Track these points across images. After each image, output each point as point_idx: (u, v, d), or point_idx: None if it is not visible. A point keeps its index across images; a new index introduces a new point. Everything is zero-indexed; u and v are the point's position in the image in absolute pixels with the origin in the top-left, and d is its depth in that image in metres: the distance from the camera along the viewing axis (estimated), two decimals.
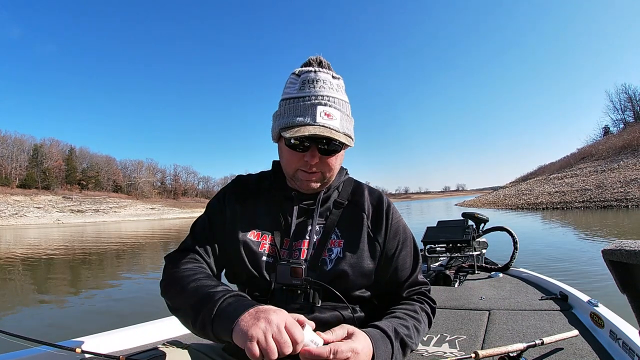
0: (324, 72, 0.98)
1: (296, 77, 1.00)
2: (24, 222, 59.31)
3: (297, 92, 0.97)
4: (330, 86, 0.98)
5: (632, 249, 0.83)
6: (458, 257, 3.48)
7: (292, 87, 0.99)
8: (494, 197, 52.39)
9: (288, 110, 0.96)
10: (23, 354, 1.46)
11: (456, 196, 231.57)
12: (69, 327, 4.69)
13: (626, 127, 59.36)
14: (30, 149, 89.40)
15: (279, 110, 1.01)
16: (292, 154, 0.97)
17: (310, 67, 1.00)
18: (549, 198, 34.16)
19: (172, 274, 0.96)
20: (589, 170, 41.37)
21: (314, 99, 0.94)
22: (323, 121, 0.92)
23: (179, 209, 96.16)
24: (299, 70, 1.01)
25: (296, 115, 0.94)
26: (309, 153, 0.95)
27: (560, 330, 1.63)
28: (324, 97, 0.95)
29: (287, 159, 0.99)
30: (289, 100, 0.97)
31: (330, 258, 1.00)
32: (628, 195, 25.78)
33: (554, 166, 63.14)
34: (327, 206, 1.07)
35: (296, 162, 0.98)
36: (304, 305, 0.95)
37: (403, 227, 1.10)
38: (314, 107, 0.93)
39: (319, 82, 0.96)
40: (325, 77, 0.97)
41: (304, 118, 0.92)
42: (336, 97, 0.97)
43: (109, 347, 1.73)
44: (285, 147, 0.98)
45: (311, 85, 0.96)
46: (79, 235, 27.59)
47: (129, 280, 8.37)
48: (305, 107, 0.94)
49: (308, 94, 0.95)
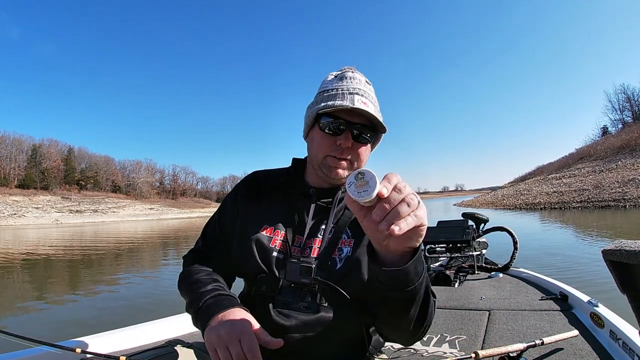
0: (358, 73, 1.06)
1: (333, 76, 1.06)
2: (22, 222, 59.08)
3: (335, 85, 1.02)
4: (364, 85, 1.04)
5: (632, 249, 0.83)
6: (458, 257, 3.48)
7: (330, 83, 1.05)
8: (492, 197, 52.55)
9: (326, 97, 1.01)
10: (24, 354, 1.46)
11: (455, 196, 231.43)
12: (69, 327, 4.70)
13: (625, 127, 59.55)
14: (29, 149, 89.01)
15: (315, 100, 1.06)
16: (326, 137, 1.00)
17: (347, 68, 1.07)
18: (547, 198, 34.31)
19: (182, 274, 1.05)
20: (587, 171, 41.54)
21: (351, 89, 1.00)
22: (360, 105, 0.96)
23: (177, 209, 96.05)
24: (336, 72, 1.08)
25: (334, 99, 0.99)
26: (343, 136, 0.98)
27: (561, 331, 1.65)
28: (360, 89, 1.01)
29: (319, 143, 1.01)
30: (326, 91, 1.03)
31: (340, 257, 1.00)
32: (626, 195, 25.92)
33: (553, 166, 63.30)
34: (340, 206, 1.07)
35: (328, 147, 1.00)
36: (310, 304, 0.95)
37: None
38: (352, 95, 0.99)
39: (355, 79, 1.03)
40: (360, 78, 1.05)
41: (342, 101, 0.97)
42: (370, 94, 1.03)
43: (110, 347, 1.74)
44: (319, 132, 1.01)
45: (348, 80, 1.02)
46: (78, 235, 27.54)
47: (129, 280, 8.37)
48: (343, 94, 0.99)
49: (345, 85, 1.01)
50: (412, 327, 0.85)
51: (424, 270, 0.77)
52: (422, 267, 0.76)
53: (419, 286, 0.77)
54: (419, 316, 0.83)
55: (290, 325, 0.93)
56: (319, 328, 0.94)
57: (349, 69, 1.06)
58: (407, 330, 0.87)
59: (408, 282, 0.74)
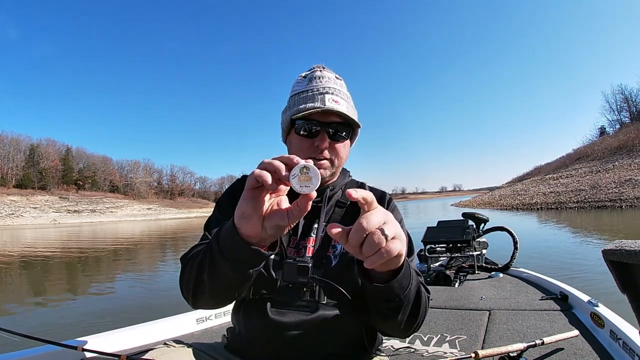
0: (327, 71, 1.07)
1: (303, 77, 1.07)
2: (20, 222, 58.89)
3: (304, 88, 1.03)
4: (335, 83, 1.05)
5: (632, 249, 0.83)
6: (458, 257, 3.48)
7: (300, 85, 1.06)
8: (490, 197, 52.62)
9: (297, 101, 1.02)
10: (27, 353, 1.48)
11: (453, 196, 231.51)
12: (69, 327, 4.70)
13: (622, 127, 59.64)
14: (27, 148, 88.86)
15: (288, 105, 1.07)
16: (302, 141, 1.01)
17: (315, 68, 1.08)
18: (544, 198, 34.37)
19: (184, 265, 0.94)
20: (584, 171, 41.67)
21: (321, 89, 1.01)
22: (331, 105, 0.98)
23: (175, 209, 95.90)
24: (305, 73, 1.09)
25: (305, 102, 1.00)
26: (319, 137, 0.99)
27: (561, 330, 1.65)
28: (330, 87, 1.02)
29: (298, 146, 1.02)
30: (297, 94, 1.04)
31: (334, 254, 1.01)
32: (622, 196, 25.98)
33: (550, 166, 63.47)
34: (330, 205, 1.09)
35: (306, 149, 1.00)
36: (309, 302, 0.95)
37: (401, 222, 1.11)
38: (322, 95, 1.00)
39: (324, 78, 1.04)
40: (329, 75, 1.06)
41: (313, 103, 0.98)
42: (341, 90, 1.05)
43: (111, 346, 1.75)
44: (296, 137, 1.02)
45: (317, 80, 1.04)
46: (76, 235, 27.46)
47: (128, 280, 8.36)
48: (313, 95, 1.01)
49: (315, 86, 1.02)
50: (404, 326, 0.89)
51: (410, 282, 0.80)
52: (408, 280, 0.79)
53: (404, 298, 0.80)
54: (409, 318, 0.87)
55: (289, 324, 0.93)
56: (319, 326, 0.94)
57: (317, 68, 1.08)
58: (398, 329, 0.90)
59: (393, 296, 0.78)
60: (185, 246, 12.34)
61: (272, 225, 0.69)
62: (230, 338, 1.09)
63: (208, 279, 0.81)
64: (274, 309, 0.95)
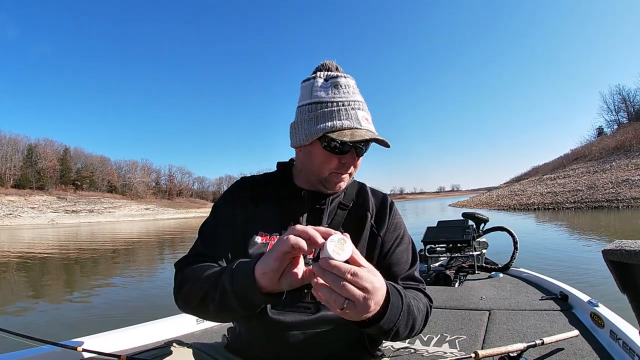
0: (349, 77, 1.03)
1: (324, 81, 1.02)
2: (18, 222, 58.73)
3: (332, 97, 0.99)
4: (359, 94, 1.03)
5: (632, 249, 0.83)
6: (458, 257, 3.48)
7: (323, 90, 1.00)
8: (487, 197, 52.69)
9: (328, 114, 0.97)
10: (27, 353, 1.48)
11: (451, 196, 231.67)
12: (70, 327, 4.70)
13: (620, 128, 59.85)
14: (25, 148, 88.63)
15: (315, 112, 0.99)
16: (331, 157, 0.99)
17: (337, 72, 1.03)
18: (541, 199, 34.38)
19: (184, 274, 0.95)
20: (581, 171, 41.72)
21: (352, 102, 0.99)
22: (367, 125, 0.97)
23: (173, 209, 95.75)
24: (324, 74, 1.03)
25: (341, 118, 0.96)
26: (349, 155, 0.99)
27: (561, 330, 1.65)
28: (358, 102, 1.00)
29: (324, 161, 0.99)
30: (323, 103, 0.99)
31: None
32: (619, 196, 25.98)
33: (548, 167, 63.58)
34: (332, 207, 1.08)
35: (334, 166, 1.00)
36: (310, 304, 0.95)
37: (403, 225, 1.13)
38: (355, 112, 0.98)
39: (350, 87, 1.01)
40: (352, 83, 1.03)
41: (350, 122, 0.96)
42: (364, 103, 1.03)
43: (111, 346, 1.74)
44: (322, 151, 0.98)
45: (343, 89, 1.00)
46: (74, 236, 27.40)
47: (127, 280, 8.34)
48: (346, 111, 0.97)
49: (346, 99, 0.99)
50: (403, 339, 0.91)
51: (400, 313, 0.81)
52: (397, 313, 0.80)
53: (396, 327, 0.81)
54: (408, 334, 0.89)
55: (290, 325, 0.93)
56: (320, 327, 0.94)
57: (339, 73, 1.03)
58: (397, 340, 0.91)
59: (382, 332, 0.80)
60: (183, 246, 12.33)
61: (288, 282, 0.72)
62: (231, 338, 1.08)
63: (214, 310, 0.84)
64: (275, 310, 0.94)
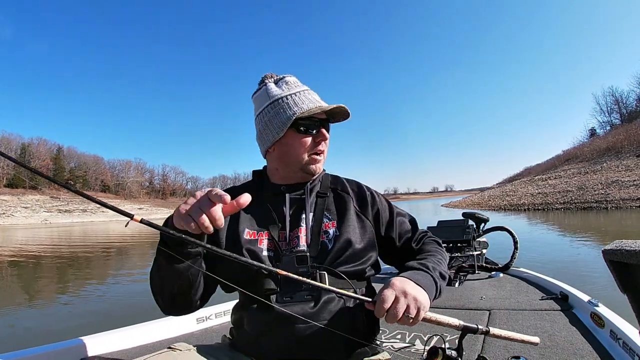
0: (292, 75, 1.14)
1: (275, 83, 1.12)
2: (11, 222, 58.00)
3: (288, 90, 1.08)
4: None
5: (632, 249, 0.83)
6: (458, 257, 3.44)
7: (276, 89, 1.09)
8: (479, 198, 52.81)
9: (292, 102, 1.05)
10: (27, 353, 1.46)
11: (444, 197, 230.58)
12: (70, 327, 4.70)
13: (612, 129, 59.79)
14: (18, 148, 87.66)
15: (279, 106, 1.06)
16: (306, 138, 1.06)
17: (281, 75, 1.14)
18: (532, 199, 34.50)
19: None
20: (572, 172, 41.76)
21: (306, 91, 1.09)
22: (324, 102, 1.09)
23: (167, 209, 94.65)
24: (271, 79, 1.13)
25: (303, 102, 1.05)
26: (320, 133, 1.07)
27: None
28: (308, 90, 1.10)
29: (301, 145, 1.06)
30: (285, 96, 1.06)
31: (328, 238, 1.04)
32: (608, 197, 26.09)
33: (540, 167, 63.83)
34: (314, 195, 1.13)
35: (310, 147, 1.07)
36: (312, 292, 0.97)
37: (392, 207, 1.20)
38: (311, 95, 1.09)
39: (297, 81, 1.12)
40: (296, 79, 1.13)
41: (312, 103, 1.05)
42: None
43: (110, 346, 1.74)
44: (297, 135, 1.05)
45: (293, 84, 1.10)
46: (67, 235, 26.99)
47: (125, 280, 8.26)
48: (306, 96, 1.07)
49: (299, 89, 1.09)
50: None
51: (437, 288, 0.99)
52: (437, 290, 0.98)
53: (439, 293, 1.00)
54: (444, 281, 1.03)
55: (296, 317, 0.92)
56: (324, 314, 0.95)
57: (285, 75, 1.13)
58: None
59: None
60: None
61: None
62: (236, 336, 1.06)
63: (161, 270, 0.90)
64: (278, 303, 0.95)
